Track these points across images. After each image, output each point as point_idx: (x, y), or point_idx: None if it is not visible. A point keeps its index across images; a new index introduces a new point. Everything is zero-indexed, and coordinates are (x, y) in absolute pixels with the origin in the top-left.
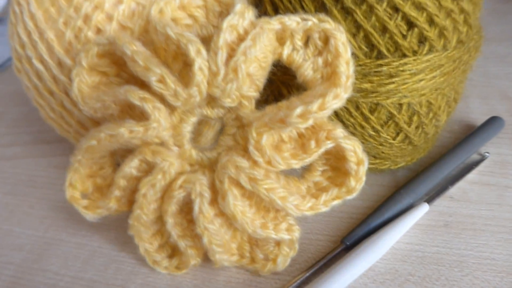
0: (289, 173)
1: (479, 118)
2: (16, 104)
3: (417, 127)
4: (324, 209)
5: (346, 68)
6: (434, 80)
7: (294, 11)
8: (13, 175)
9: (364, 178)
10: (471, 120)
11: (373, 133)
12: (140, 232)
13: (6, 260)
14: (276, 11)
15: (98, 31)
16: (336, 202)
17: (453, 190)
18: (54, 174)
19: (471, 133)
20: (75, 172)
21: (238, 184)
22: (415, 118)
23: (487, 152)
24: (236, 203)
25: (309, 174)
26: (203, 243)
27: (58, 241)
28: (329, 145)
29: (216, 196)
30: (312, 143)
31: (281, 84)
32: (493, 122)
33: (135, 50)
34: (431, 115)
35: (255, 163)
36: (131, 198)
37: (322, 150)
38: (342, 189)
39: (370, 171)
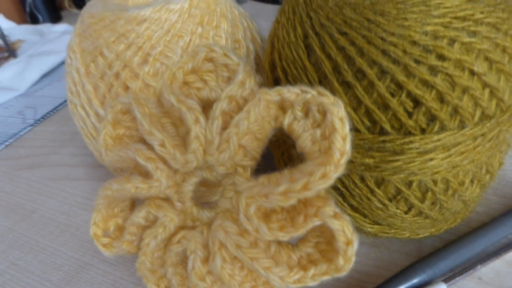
0: None
1: None
2: None
3: (433, 203)
4: (312, 283)
5: (342, 145)
6: (448, 159)
7: (299, 79)
8: (71, 196)
9: (353, 259)
10: None
11: (381, 206)
12: (147, 275)
13: (46, 277)
14: (286, 77)
15: (126, 87)
16: (325, 278)
17: (485, 270)
18: None
19: None
20: (98, 212)
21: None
22: (429, 194)
23: None
24: (225, 266)
25: (303, 244)
26: None
27: (90, 266)
28: (316, 222)
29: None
30: (301, 218)
31: (292, 146)
32: None
33: (142, 113)
34: (450, 192)
35: (244, 230)
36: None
37: (309, 226)
38: (331, 266)
39: (392, 237)
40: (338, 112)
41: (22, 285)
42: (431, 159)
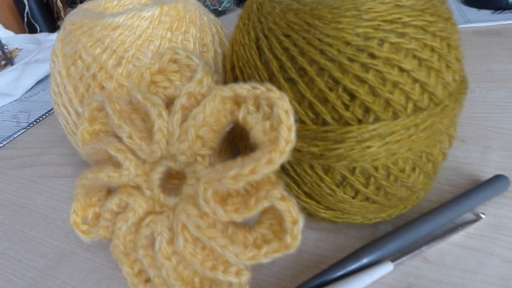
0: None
1: (494, 174)
2: None
3: (377, 189)
4: (265, 260)
5: (287, 134)
6: (385, 147)
7: (253, 77)
8: (59, 192)
9: (299, 236)
10: (483, 175)
11: (330, 191)
12: (121, 258)
13: (32, 264)
14: (242, 75)
15: (102, 87)
16: (276, 255)
17: (431, 251)
18: None
19: (469, 190)
20: (77, 201)
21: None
22: (372, 180)
23: (483, 213)
24: (186, 246)
25: (258, 225)
26: (163, 276)
27: (72, 253)
28: (265, 204)
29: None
30: (252, 200)
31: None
32: (497, 180)
33: (114, 109)
34: (392, 178)
35: (204, 213)
36: None
37: (259, 207)
38: (281, 244)
39: (346, 222)
40: (284, 105)
41: (10, 272)
42: (368, 147)
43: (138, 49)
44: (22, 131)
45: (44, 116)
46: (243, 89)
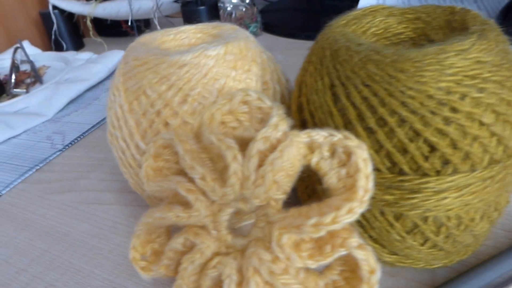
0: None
1: None
2: None
3: (446, 237)
4: None
5: (365, 183)
6: (460, 198)
7: (326, 122)
8: (102, 220)
9: (376, 286)
10: None
11: (399, 238)
12: None
13: None
14: (313, 119)
15: (166, 124)
16: None
17: None
18: (132, 223)
19: None
20: (137, 238)
21: (261, 273)
22: (443, 229)
23: None
24: None
25: (329, 271)
26: None
27: (123, 287)
28: (342, 252)
29: (243, 280)
30: (328, 248)
31: (316, 182)
32: None
33: (185, 149)
34: (462, 227)
35: (276, 257)
36: (177, 267)
37: (336, 255)
38: None
39: (408, 267)
40: (362, 154)
41: None
42: (445, 198)
43: (204, 87)
44: (58, 153)
45: (79, 138)
46: (319, 135)
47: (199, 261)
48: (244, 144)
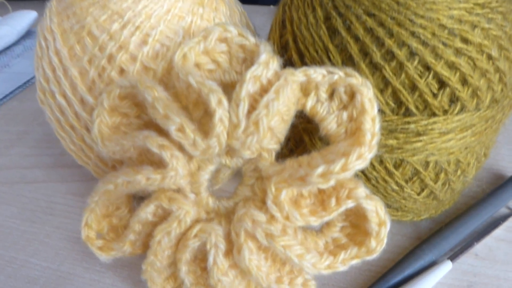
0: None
1: (509, 167)
2: (40, 123)
3: (443, 184)
4: (342, 268)
5: (372, 126)
6: (464, 139)
7: (320, 61)
8: (32, 201)
9: (385, 240)
10: (501, 169)
11: (397, 188)
12: (153, 277)
13: None
14: (302, 59)
15: (122, 71)
16: (355, 261)
17: (478, 247)
18: (72, 201)
19: (500, 185)
20: (91, 212)
21: (254, 238)
22: (442, 175)
23: None
24: (252, 258)
25: (328, 229)
26: None
27: (72, 275)
28: (349, 204)
29: (232, 247)
30: (333, 201)
31: (303, 131)
32: None
33: (155, 96)
34: (459, 172)
35: (272, 217)
36: (145, 241)
37: (342, 208)
38: (361, 249)
39: (391, 221)
40: (368, 93)
41: None
42: (449, 140)
43: (167, 25)
44: None
45: None
46: (318, 74)
47: (177, 230)
48: (223, 90)
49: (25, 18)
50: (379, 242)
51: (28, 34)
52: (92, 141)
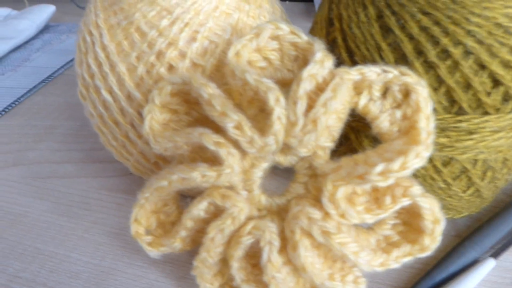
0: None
1: None
2: (67, 118)
3: (489, 182)
4: (394, 265)
5: (427, 124)
6: None
7: (371, 59)
8: (67, 196)
9: (439, 238)
10: None
11: (444, 185)
12: (203, 273)
13: None
14: (351, 57)
15: (171, 67)
16: (407, 259)
17: None
18: (106, 197)
19: None
20: (140, 208)
21: (309, 235)
22: (488, 173)
23: None
24: (307, 255)
25: (379, 227)
26: None
27: (115, 271)
28: (405, 202)
29: (285, 244)
30: (388, 199)
31: (350, 129)
32: None
33: (212, 93)
34: (505, 170)
35: (327, 215)
36: (195, 238)
37: (398, 206)
38: (415, 247)
39: None
40: (423, 91)
41: None
42: (500, 138)
43: (215, 22)
44: None
45: (14, 105)
46: (372, 72)
47: (231, 228)
48: None
49: (43, 12)
50: (433, 240)
51: (47, 28)
52: (136, 137)
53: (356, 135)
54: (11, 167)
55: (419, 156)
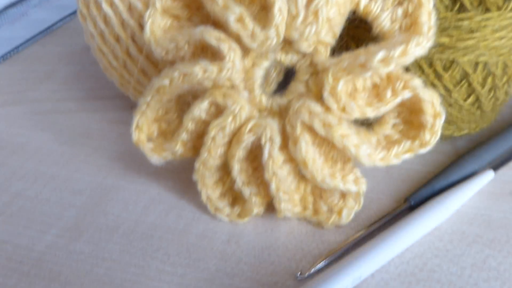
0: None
1: None
2: (66, 63)
3: (489, 90)
4: (395, 161)
5: (428, 19)
6: None
7: None
8: (68, 127)
9: (439, 132)
10: None
11: (444, 92)
12: (205, 177)
13: (68, 202)
14: None
15: None
16: (407, 155)
17: None
18: (108, 127)
19: None
20: (142, 115)
21: (310, 131)
22: (489, 79)
23: None
24: (308, 149)
25: (379, 126)
26: (271, 189)
27: (117, 187)
28: (406, 94)
29: (286, 143)
30: (388, 92)
31: (351, 38)
32: None
33: None
34: (505, 78)
35: (328, 109)
36: (196, 144)
37: (399, 99)
38: (415, 142)
39: None
40: None
41: (38, 213)
42: (501, 38)
43: None
44: None
45: (12, 53)
46: None
47: (232, 126)
48: None
49: None
50: (433, 134)
51: None
52: (137, 52)
53: (357, 43)
54: (11, 106)
55: (420, 45)
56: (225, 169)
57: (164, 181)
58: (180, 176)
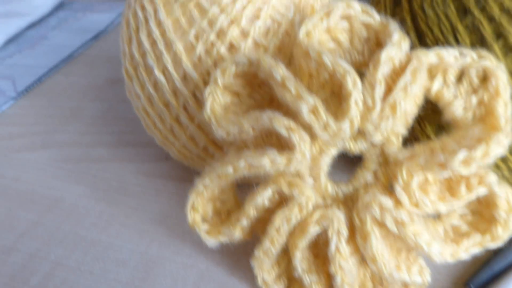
0: None
1: None
2: (91, 99)
3: None
4: (464, 256)
5: (505, 110)
6: None
7: (445, 42)
8: (103, 180)
9: None
10: None
11: (509, 174)
12: (264, 263)
13: (113, 277)
14: (421, 39)
15: (232, 47)
16: (477, 249)
17: None
18: (145, 182)
19: None
20: (198, 196)
21: (380, 224)
22: None
23: None
24: (378, 244)
25: (447, 217)
26: (336, 282)
27: (163, 259)
28: (482, 191)
29: (352, 234)
30: (463, 188)
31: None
32: None
33: (285, 75)
34: None
35: (398, 203)
36: (254, 227)
37: (473, 195)
38: (486, 236)
39: None
40: (503, 76)
41: (84, 287)
42: None
43: (279, 0)
44: (11, 102)
45: (35, 84)
46: (450, 55)
47: (297, 217)
48: None
49: None
50: (506, 229)
51: (61, 5)
52: (188, 120)
53: (419, 122)
54: (40, 150)
55: (500, 144)
56: (283, 251)
57: (211, 254)
58: (228, 248)
